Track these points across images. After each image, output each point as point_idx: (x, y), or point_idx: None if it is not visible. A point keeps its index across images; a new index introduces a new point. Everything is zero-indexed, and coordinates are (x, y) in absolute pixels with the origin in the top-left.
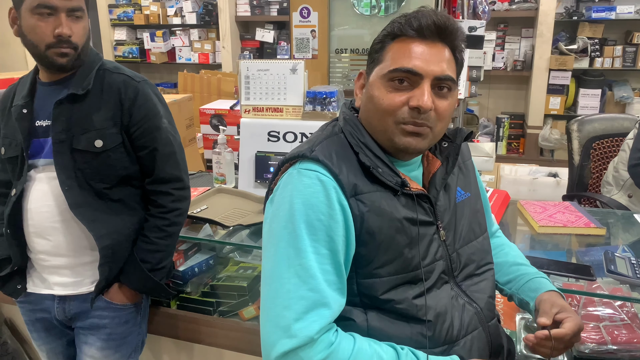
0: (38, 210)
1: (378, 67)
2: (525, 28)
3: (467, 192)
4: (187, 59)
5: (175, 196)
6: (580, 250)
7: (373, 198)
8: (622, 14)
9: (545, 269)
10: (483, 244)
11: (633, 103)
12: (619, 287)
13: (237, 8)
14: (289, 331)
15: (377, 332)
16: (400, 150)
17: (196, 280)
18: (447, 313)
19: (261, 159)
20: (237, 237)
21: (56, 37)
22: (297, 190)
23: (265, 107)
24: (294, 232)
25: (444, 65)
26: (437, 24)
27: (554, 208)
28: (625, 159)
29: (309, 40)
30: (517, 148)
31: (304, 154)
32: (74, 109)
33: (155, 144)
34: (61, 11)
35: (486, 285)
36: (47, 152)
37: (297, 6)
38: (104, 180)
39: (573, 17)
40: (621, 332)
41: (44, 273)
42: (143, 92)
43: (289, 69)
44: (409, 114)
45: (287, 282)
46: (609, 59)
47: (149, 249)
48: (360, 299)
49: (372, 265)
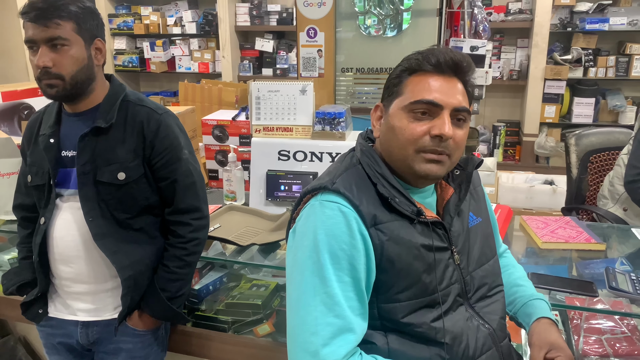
0: (63, 238)
1: (398, 100)
2: (521, 38)
3: (479, 217)
4: (187, 68)
5: (194, 226)
6: (581, 264)
7: (392, 227)
8: (615, 26)
9: (550, 286)
10: (494, 267)
11: (626, 112)
12: (619, 301)
13: (237, 18)
14: (317, 356)
15: (397, 354)
16: (420, 177)
17: (211, 298)
18: (463, 334)
19: (272, 177)
20: (248, 254)
21: (39, 68)
22: (320, 221)
23: (276, 126)
24: (319, 262)
25: (460, 97)
26: (454, 60)
27: (555, 223)
28: (620, 174)
29: (315, 60)
30: (514, 155)
31: (325, 185)
32: (98, 142)
33: (176, 175)
34: (40, 43)
35: (497, 306)
36: (73, 182)
37: (304, 27)
38: (126, 210)
39: (567, 28)
40: (622, 344)
41: (68, 299)
42: (165, 124)
43: (299, 90)
44: (430, 142)
45: (313, 310)
46: (602, 68)
47: (169, 278)
48: (381, 322)
49: (392, 291)
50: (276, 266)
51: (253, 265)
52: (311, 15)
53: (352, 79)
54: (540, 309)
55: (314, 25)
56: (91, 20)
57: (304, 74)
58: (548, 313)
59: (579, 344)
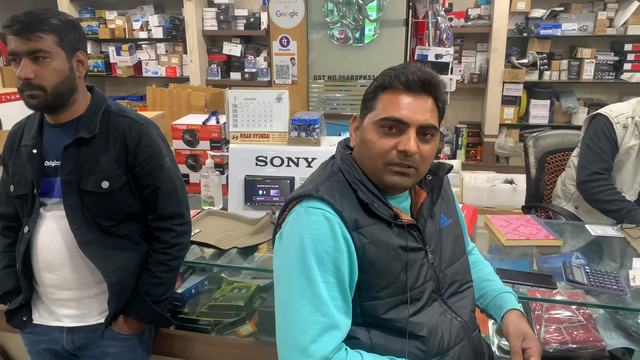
0: (48, 247)
1: (371, 114)
2: (480, 43)
3: (450, 219)
4: (154, 72)
5: (177, 232)
6: (540, 259)
7: (372, 231)
8: (567, 31)
9: (515, 280)
10: (464, 265)
11: (578, 112)
12: (575, 292)
13: (204, 22)
14: (306, 352)
15: (379, 348)
16: (388, 187)
17: (193, 301)
18: (438, 328)
19: (250, 182)
20: (227, 257)
21: (21, 80)
22: (306, 226)
23: (253, 133)
24: (305, 264)
25: (428, 114)
26: (422, 79)
27: (517, 222)
28: (571, 175)
29: (288, 67)
30: (475, 155)
31: (310, 193)
32: (81, 152)
33: (159, 183)
34: (22, 55)
35: (468, 301)
36: (57, 191)
37: (277, 35)
38: (110, 218)
39: (523, 33)
40: (579, 332)
41: (53, 306)
42: (147, 134)
43: (275, 98)
44: (397, 157)
45: (301, 309)
46: (556, 72)
47: (154, 283)
48: (364, 319)
49: (373, 290)
50: (256, 268)
51: (234, 268)
52: (283, 24)
53: (323, 85)
54: (509, 301)
55: (286, 34)
56: (73, 33)
57: (278, 82)
58: (517, 305)
59: (541, 333)
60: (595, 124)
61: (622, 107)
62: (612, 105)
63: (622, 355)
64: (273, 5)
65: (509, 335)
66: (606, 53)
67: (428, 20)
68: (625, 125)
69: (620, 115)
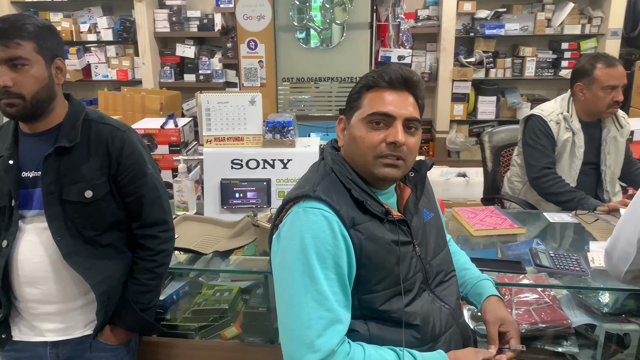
0: (29, 260)
1: (358, 112)
2: (430, 43)
3: (432, 213)
4: (104, 75)
5: (162, 238)
6: (505, 247)
7: (367, 227)
8: (510, 31)
9: (488, 268)
10: (447, 255)
11: (522, 107)
12: (540, 276)
13: (156, 24)
14: (313, 347)
15: (377, 338)
16: (379, 179)
17: (174, 307)
18: (430, 316)
19: (226, 186)
20: (202, 262)
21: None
22: (306, 226)
23: (227, 136)
24: (307, 263)
25: (411, 108)
26: (404, 77)
27: (483, 213)
28: (515, 173)
29: (257, 70)
30: (428, 151)
31: (308, 194)
32: (62, 161)
33: (143, 190)
34: (0, 62)
35: (453, 289)
36: (36, 203)
37: (245, 39)
38: (94, 227)
39: (470, 33)
40: (547, 312)
41: (35, 321)
42: (129, 142)
43: (248, 101)
44: (387, 149)
45: (306, 306)
46: (501, 69)
47: (141, 290)
48: (361, 312)
49: (370, 283)
50: (241, 271)
51: (220, 272)
52: (251, 28)
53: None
54: (488, 288)
55: (254, 37)
56: (51, 40)
57: (246, 84)
58: (495, 291)
59: (512, 316)
60: (531, 125)
61: (551, 105)
62: (541, 105)
63: (585, 331)
64: (240, 9)
65: (487, 322)
66: (545, 51)
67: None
68: (557, 121)
69: (551, 113)
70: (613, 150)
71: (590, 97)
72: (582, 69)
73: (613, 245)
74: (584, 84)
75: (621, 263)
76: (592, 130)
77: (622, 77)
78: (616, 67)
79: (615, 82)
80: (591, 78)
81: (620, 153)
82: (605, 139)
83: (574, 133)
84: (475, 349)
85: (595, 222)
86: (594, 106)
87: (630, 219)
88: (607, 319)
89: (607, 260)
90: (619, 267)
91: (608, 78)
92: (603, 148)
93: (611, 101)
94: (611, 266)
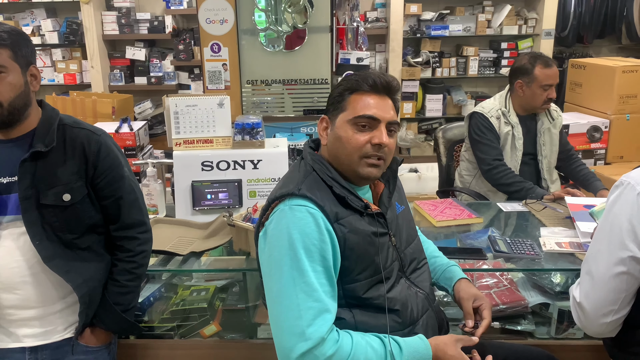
0: (7, 266)
1: (343, 114)
2: (379, 44)
3: (403, 205)
4: (51, 79)
5: (141, 239)
6: (463, 236)
7: (349, 221)
8: (454, 32)
9: (452, 255)
10: (418, 244)
11: (467, 105)
12: (498, 261)
13: (104, 27)
14: (304, 335)
15: (363, 325)
16: (362, 177)
17: (151, 309)
18: (408, 301)
19: (198, 187)
20: (174, 264)
21: None
22: (292, 222)
23: (196, 139)
24: (295, 257)
25: (392, 112)
26: (387, 82)
27: (442, 205)
28: (465, 168)
29: (221, 73)
30: None
31: (293, 192)
32: (38, 165)
33: (121, 192)
34: None
35: (426, 275)
36: (12, 208)
37: (208, 42)
38: (72, 231)
39: (417, 34)
40: (505, 294)
41: (11, 327)
42: (105, 145)
43: (217, 104)
44: (371, 149)
45: (295, 298)
46: (446, 69)
47: (121, 292)
48: (346, 300)
49: (354, 273)
50: (228, 269)
51: (201, 271)
52: (214, 31)
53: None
54: (456, 272)
55: (217, 40)
56: (25, 47)
57: (210, 87)
58: (463, 275)
59: None
60: (474, 122)
61: (490, 102)
62: (482, 102)
63: (540, 310)
64: (202, 13)
65: (461, 299)
66: (486, 51)
67: (351, 26)
68: (497, 116)
69: (491, 109)
70: (548, 141)
71: (528, 94)
72: (522, 68)
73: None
74: (524, 81)
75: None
76: (528, 123)
77: (557, 77)
78: (553, 67)
79: (551, 81)
80: (531, 77)
81: (555, 143)
82: (540, 130)
83: (513, 126)
84: (455, 336)
85: (543, 209)
86: (532, 102)
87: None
88: (559, 297)
89: (580, 313)
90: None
91: (546, 77)
92: (539, 139)
93: (546, 98)
94: (587, 319)
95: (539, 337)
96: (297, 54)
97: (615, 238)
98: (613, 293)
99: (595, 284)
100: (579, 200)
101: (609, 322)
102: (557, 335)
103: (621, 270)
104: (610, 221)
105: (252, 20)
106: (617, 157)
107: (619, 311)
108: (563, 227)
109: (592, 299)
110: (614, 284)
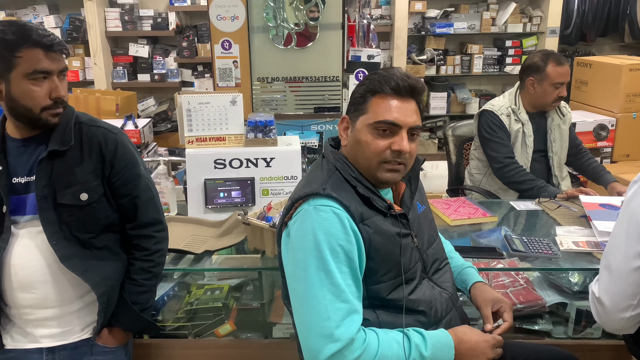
0: (24, 265)
1: (363, 117)
2: (383, 41)
3: (424, 205)
4: None
5: (158, 238)
6: (476, 234)
7: (374, 221)
8: (459, 29)
9: (468, 255)
10: (439, 244)
11: (471, 102)
12: (513, 260)
13: (107, 23)
14: (333, 337)
15: (387, 326)
16: (381, 182)
17: (165, 308)
18: (432, 301)
19: (210, 185)
20: (185, 262)
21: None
22: (318, 223)
23: (209, 137)
24: (321, 258)
25: (415, 116)
26: (410, 84)
27: (455, 204)
28: (475, 166)
29: (231, 70)
30: None
31: (317, 192)
32: (55, 164)
33: (137, 191)
34: (53, 74)
35: (448, 275)
36: (30, 208)
37: (218, 39)
38: (88, 230)
39: (421, 32)
40: (522, 294)
41: (28, 327)
42: (122, 143)
43: (229, 101)
44: (391, 155)
45: (323, 299)
46: (451, 66)
47: (139, 291)
48: (369, 301)
49: (378, 274)
50: (242, 268)
51: (221, 270)
52: (225, 28)
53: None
54: (472, 275)
55: (228, 37)
56: None
57: (221, 84)
58: (479, 277)
59: None
60: (484, 120)
61: (500, 100)
62: (492, 100)
63: (557, 309)
64: (213, 10)
65: (480, 306)
66: (491, 49)
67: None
68: (507, 114)
69: (501, 107)
70: (558, 138)
71: (539, 91)
72: (534, 65)
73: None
74: (535, 79)
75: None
76: (538, 120)
77: (568, 75)
78: (565, 65)
79: (563, 79)
80: (543, 74)
81: (565, 139)
82: (550, 127)
83: (523, 124)
84: (470, 327)
85: (557, 208)
86: (542, 99)
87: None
88: (577, 297)
89: (600, 309)
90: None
91: (558, 75)
92: (549, 136)
93: (557, 96)
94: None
95: (556, 336)
96: (308, 51)
97: (633, 232)
98: (632, 287)
99: (614, 279)
100: (594, 199)
101: (628, 317)
102: (575, 335)
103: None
104: (628, 216)
105: (263, 17)
106: (623, 155)
107: (638, 306)
108: (579, 226)
109: (611, 293)
110: (632, 278)
